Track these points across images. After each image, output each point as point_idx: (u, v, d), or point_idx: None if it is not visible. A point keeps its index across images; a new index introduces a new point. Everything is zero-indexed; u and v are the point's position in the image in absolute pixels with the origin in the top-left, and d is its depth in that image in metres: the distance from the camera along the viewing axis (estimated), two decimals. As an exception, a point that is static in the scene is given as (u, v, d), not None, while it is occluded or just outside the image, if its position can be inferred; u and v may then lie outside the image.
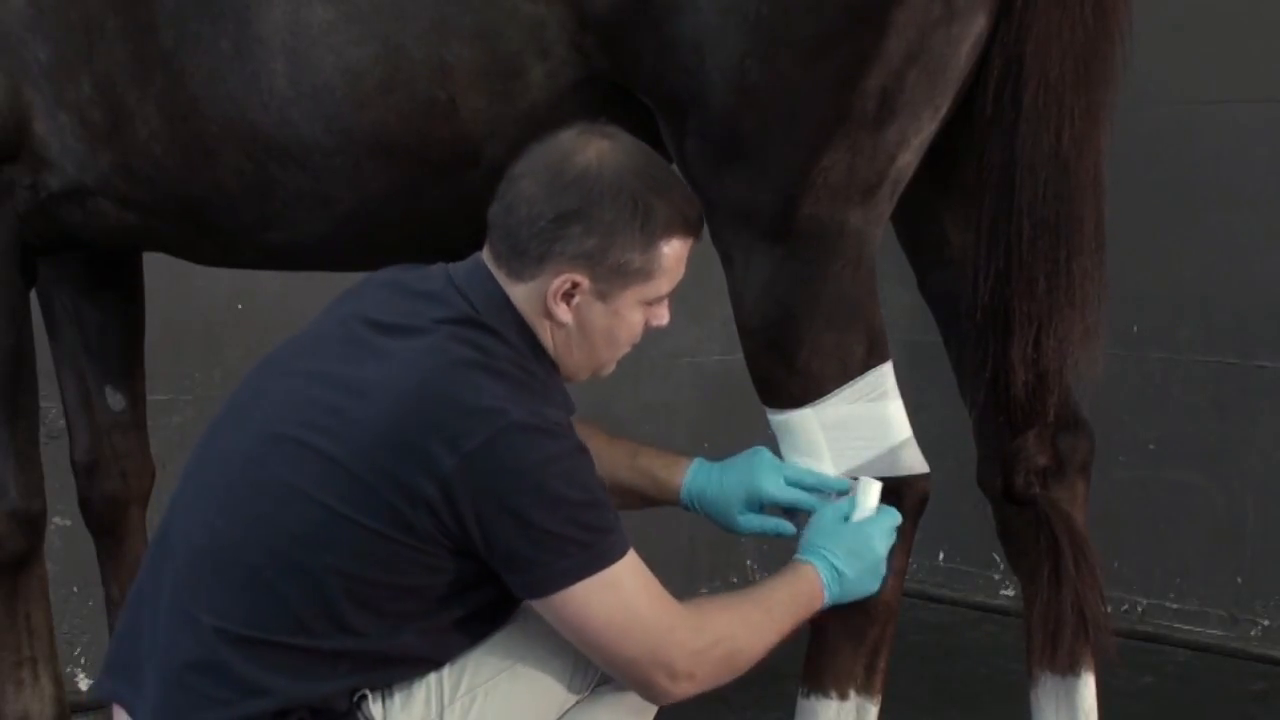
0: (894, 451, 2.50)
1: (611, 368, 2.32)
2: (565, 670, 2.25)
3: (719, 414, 4.56)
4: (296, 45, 2.54)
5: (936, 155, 2.55)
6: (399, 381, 2.11)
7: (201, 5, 2.60)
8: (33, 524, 2.88)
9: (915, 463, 2.52)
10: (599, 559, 2.12)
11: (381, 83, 2.53)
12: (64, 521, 3.65)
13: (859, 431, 2.49)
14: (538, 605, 2.16)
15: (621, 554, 2.15)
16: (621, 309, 2.23)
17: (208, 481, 2.22)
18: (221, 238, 2.82)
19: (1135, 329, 4.35)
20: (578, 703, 2.29)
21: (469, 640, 2.22)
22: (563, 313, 2.20)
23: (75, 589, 3.85)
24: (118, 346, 3.14)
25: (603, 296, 2.21)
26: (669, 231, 2.21)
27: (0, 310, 2.81)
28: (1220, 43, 4.24)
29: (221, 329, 4.05)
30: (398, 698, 2.19)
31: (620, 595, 2.14)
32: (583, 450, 2.15)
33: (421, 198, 2.63)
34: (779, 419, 2.51)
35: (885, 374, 2.50)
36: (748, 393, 2.57)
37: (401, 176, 2.61)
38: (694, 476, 2.50)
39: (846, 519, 2.39)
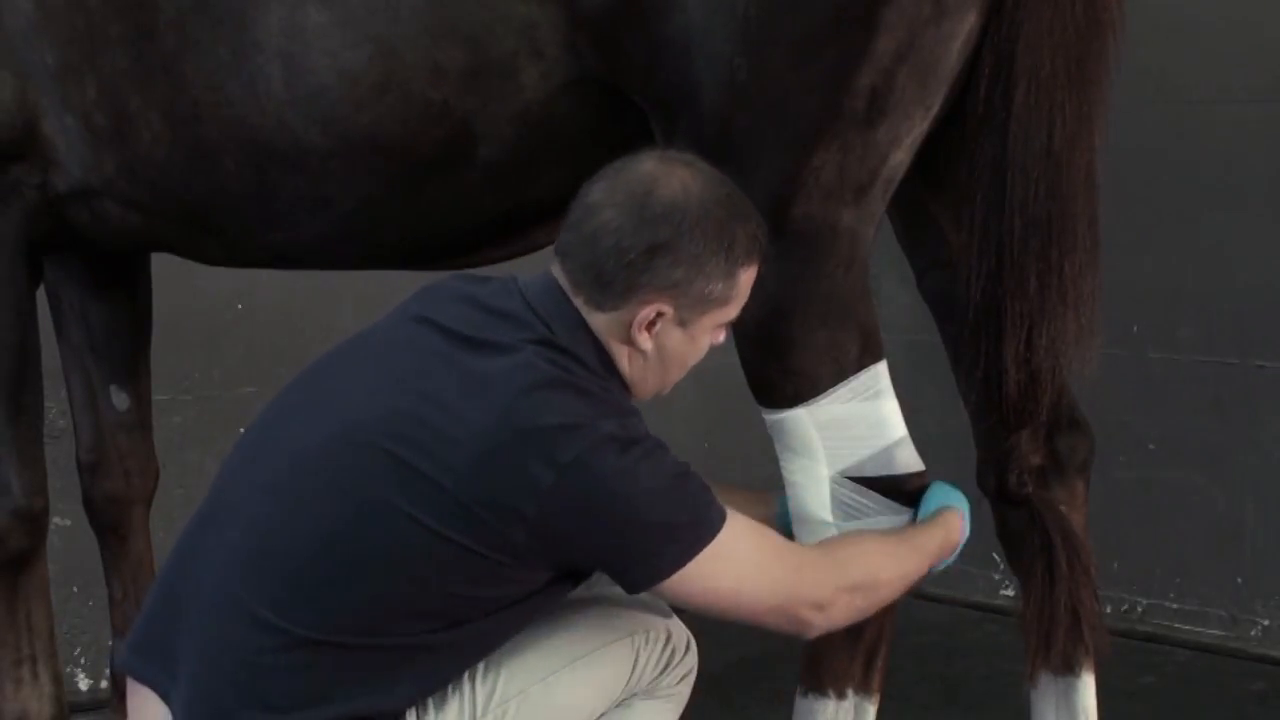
0: (889, 450, 2.50)
1: (670, 389, 2.35)
2: (596, 681, 2.27)
3: (719, 414, 4.56)
4: (292, 49, 2.55)
5: (931, 154, 2.55)
6: (492, 403, 2.13)
7: (200, 11, 2.61)
8: (35, 522, 2.89)
9: (911, 461, 2.52)
10: (705, 532, 2.17)
11: (376, 85, 2.54)
12: (64, 521, 3.65)
13: (853, 431, 2.49)
14: (661, 591, 2.19)
15: (723, 520, 2.19)
16: (698, 334, 2.27)
17: (271, 474, 2.21)
18: (224, 239, 2.84)
19: (1135, 329, 4.35)
20: (607, 712, 2.31)
21: (516, 632, 2.24)
22: (644, 340, 2.24)
23: (75, 589, 3.85)
24: (123, 346, 3.16)
25: (683, 324, 2.25)
26: (748, 259, 2.26)
27: (6, 308, 2.82)
28: (1220, 43, 4.24)
29: (221, 329, 4.06)
30: (431, 709, 2.20)
31: (738, 555, 2.19)
32: (662, 445, 2.19)
33: (419, 198, 2.64)
34: (774, 419, 2.52)
35: (879, 373, 2.50)
36: (747, 392, 2.57)
37: (398, 177, 2.62)
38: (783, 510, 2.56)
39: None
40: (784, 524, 2.55)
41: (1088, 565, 2.59)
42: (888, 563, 2.35)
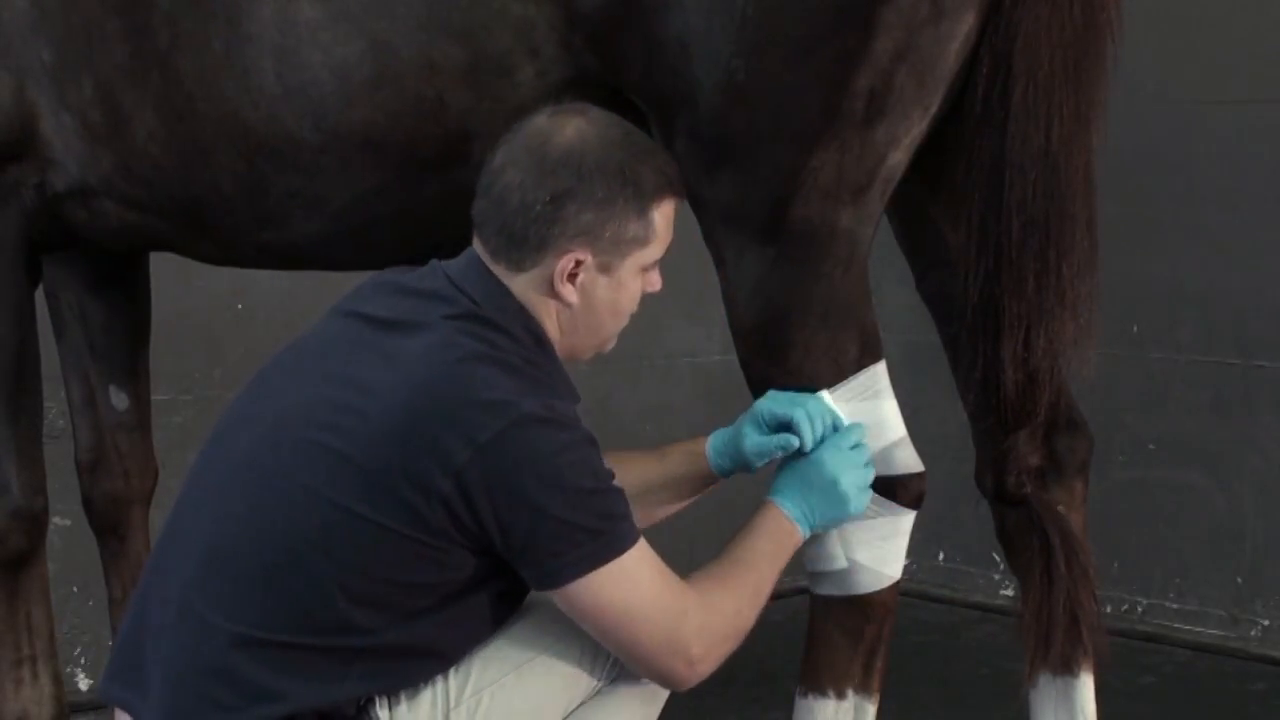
0: (889, 450, 2.50)
1: (613, 343, 2.34)
2: (573, 668, 2.26)
3: (719, 414, 4.49)
4: (285, 43, 2.55)
5: (930, 155, 2.55)
6: (410, 377, 2.13)
7: (194, 5, 2.61)
8: (35, 522, 2.89)
9: (910, 462, 2.52)
10: (613, 546, 2.14)
11: (369, 81, 2.54)
12: (64, 521, 3.66)
13: (853, 431, 2.49)
14: (554, 596, 2.17)
15: (634, 541, 2.16)
16: (624, 279, 2.26)
17: (216, 485, 2.22)
18: (220, 237, 2.84)
19: (1135, 329, 4.35)
20: (585, 701, 2.29)
21: (482, 631, 2.23)
22: (569, 293, 2.22)
23: (75, 589, 3.86)
24: (122, 346, 3.16)
25: (605, 269, 2.24)
26: (659, 195, 2.25)
27: (6, 308, 2.82)
28: (1220, 43, 4.24)
29: (221, 329, 4.06)
30: (404, 701, 2.19)
31: (635, 582, 2.15)
32: (592, 441, 2.16)
33: (413, 196, 2.64)
34: (773, 419, 2.52)
35: (878, 373, 2.50)
36: (747, 393, 2.57)
37: (391, 175, 2.62)
38: (713, 444, 2.52)
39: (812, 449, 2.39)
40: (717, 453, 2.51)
41: (1086, 566, 2.59)
42: (752, 605, 2.27)
